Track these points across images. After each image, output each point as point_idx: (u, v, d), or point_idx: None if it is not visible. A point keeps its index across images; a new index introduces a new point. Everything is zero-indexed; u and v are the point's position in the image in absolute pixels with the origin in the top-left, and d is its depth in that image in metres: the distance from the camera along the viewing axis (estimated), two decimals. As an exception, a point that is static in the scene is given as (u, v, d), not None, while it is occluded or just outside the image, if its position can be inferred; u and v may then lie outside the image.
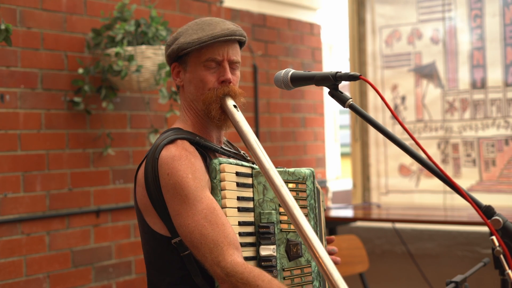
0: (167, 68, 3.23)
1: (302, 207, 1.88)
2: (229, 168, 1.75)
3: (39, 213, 3.13)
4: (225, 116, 1.82)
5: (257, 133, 4.25)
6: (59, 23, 3.24)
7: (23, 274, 3.06)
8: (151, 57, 3.19)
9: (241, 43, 1.90)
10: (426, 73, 4.43)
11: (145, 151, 3.61)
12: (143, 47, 3.18)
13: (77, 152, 3.30)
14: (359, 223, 4.42)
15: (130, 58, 3.13)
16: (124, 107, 3.51)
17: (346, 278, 2.48)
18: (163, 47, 3.23)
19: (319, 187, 2.02)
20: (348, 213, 4.09)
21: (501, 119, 4.13)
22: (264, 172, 1.60)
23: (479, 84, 4.21)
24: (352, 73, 1.65)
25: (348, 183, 5.29)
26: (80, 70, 3.21)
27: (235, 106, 1.80)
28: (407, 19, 4.50)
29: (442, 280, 3.86)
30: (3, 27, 2.60)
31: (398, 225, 4.19)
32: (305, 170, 1.91)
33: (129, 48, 3.16)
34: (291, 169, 1.89)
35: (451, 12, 4.32)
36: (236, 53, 1.86)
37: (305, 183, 1.90)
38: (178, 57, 1.86)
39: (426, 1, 4.42)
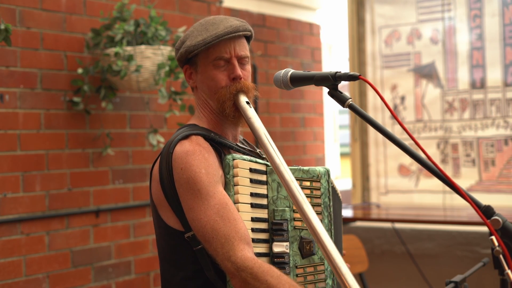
0: (166, 68, 3.23)
1: (315, 205, 1.89)
2: (242, 164, 1.77)
3: (39, 213, 3.13)
4: (239, 113, 1.84)
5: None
6: (58, 23, 3.24)
7: (22, 274, 3.06)
8: (150, 57, 3.19)
9: (248, 38, 1.92)
10: (426, 73, 4.43)
11: (144, 151, 3.61)
12: (143, 47, 3.18)
13: (77, 152, 3.30)
14: (359, 223, 4.42)
15: (130, 58, 3.13)
16: (123, 107, 3.51)
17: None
18: (162, 47, 3.23)
19: (335, 186, 2.02)
20: (347, 213, 4.09)
21: (500, 119, 4.13)
22: (274, 167, 1.62)
23: (478, 84, 4.21)
24: (351, 73, 1.66)
25: (347, 183, 5.30)
26: (80, 70, 3.21)
27: (247, 103, 1.82)
28: (406, 19, 4.50)
29: (441, 280, 3.86)
30: (2, 27, 2.60)
31: (398, 225, 4.19)
32: (319, 169, 1.93)
33: (129, 48, 3.16)
34: (306, 167, 1.90)
35: (450, 12, 4.32)
36: (243, 48, 1.87)
37: (319, 181, 1.91)
38: (188, 60, 1.89)
39: (425, 1, 4.42)
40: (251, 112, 1.80)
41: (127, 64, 3.14)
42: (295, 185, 1.55)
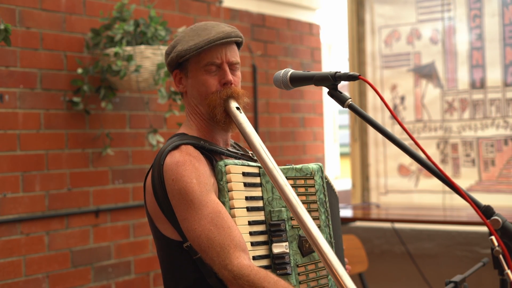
0: (166, 68, 3.22)
1: (312, 202, 1.89)
2: (234, 169, 1.77)
3: (38, 213, 3.13)
4: (230, 119, 1.84)
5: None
6: (58, 23, 3.24)
7: (22, 274, 3.06)
8: (150, 57, 3.19)
9: (238, 44, 1.93)
10: (425, 73, 4.43)
11: (144, 151, 3.61)
12: (142, 47, 3.18)
13: (76, 152, 3.30)
14: (358, 223, 4.42)
15: (129, 58, 3.13)
16: (123, 107, 3.51)
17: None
18: (162, 47, 3.23)
19: (330, 181, 2.02)
20: (347, 213, 4.09)
21: (500, 119, 4.13)
22: (267, 172, 1.62)
23: (478, 84, 4.21)
24: (351, 73, 1.66)
25: (347, 183, 5.29)
26: (79, 70, 3.21)
27: (238, 108, 1.82)
28: (406, 19, 4.50)
29: (441, 280, 3.86)
30: (2, 27, 2.60)
31: (397, 225, 4.19)
32: (312, 166, 1.93)
33: (128, 48, 3.16)
34: (299, 166, 1.91)
35: (450, 12, 4.32)
36: (234, 54, 1.88)
37: (313, 178, 1.91)
38: (178, 64, 1.89)
39: (425, 1, 4.42)
40: (241, 117, 1.80)
41: (127, 64, 3.14)
42: (288, 189, 1.55)
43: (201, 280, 1.76)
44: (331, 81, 1.70)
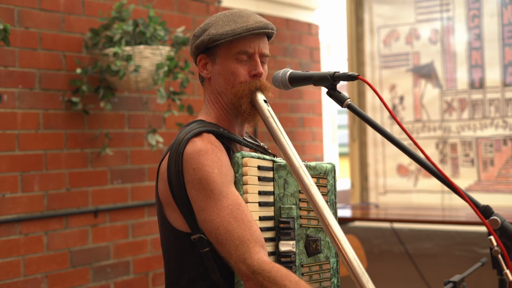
0: (165, 68, 3.22)
1: None
2: (251, 162, 1.72)
3: (37, 213, 3.13)
4: (255, 111, 1.79)
5: (255, 133, 4.25)
6: (57, 23, 3.24)
7: (21, 274, 3.06)
8: (149, 57, 3.19)
9: (269, 37, 1.87)
10: (424, 73, 4.43)
11: (143, 151, 3.61)
12: (141, 47, 3.18)
13: (75, 152, 3.30)
14: (357, 223, 4.42)
15: (128, 58, 3.12)
16: (122, 107, 3.51)
17: (344, 278, 2.48)
18: (161, 47, 3.23)
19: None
20: (346, 213, 4.09)
21: (499, 119, 4.13)
22: (293, 170, 1.59)
23: (477, 84, 4.21)
24: (350, 73, 1.65)
25: (346, 183, 5.29)
26: (78, 70, 3.21)
27: (265, 101, 1.77)
28: (405, 19, 4.50)
29: (440, 280, 3.87)
30: (1, 27, 2.60)
31: (396, 225, 4.19)
32: (326, 165, 1.89)
33: (127, 48, 3.16)
34: (313, 163, 1.86)
35: (449, 12, 4.32)
36: (266, 47, 1.83)
37: (326, 178, 1.88)
38: (206, 49, 1.82)
39: (424, 1, 4.42)
40: (269, 111, 1.75)
41: (126, 64, 3.14)
42: (314, 189, 1.52)
43: (206, 274, 1.72)
44: (330, 81, 1.70)
